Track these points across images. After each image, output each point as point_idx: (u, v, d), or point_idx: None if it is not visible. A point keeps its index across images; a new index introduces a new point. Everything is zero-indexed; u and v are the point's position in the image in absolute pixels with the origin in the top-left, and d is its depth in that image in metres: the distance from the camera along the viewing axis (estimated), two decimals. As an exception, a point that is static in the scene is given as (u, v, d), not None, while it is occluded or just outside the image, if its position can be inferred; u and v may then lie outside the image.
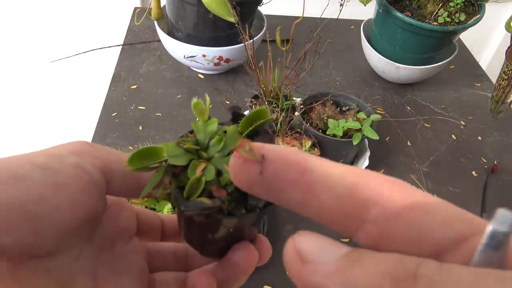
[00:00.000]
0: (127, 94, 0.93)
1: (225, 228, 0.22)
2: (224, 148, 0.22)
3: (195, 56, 0.90)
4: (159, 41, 0.99)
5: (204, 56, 0.89)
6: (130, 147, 0.82)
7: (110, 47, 1.06)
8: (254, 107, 0.80)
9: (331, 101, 0.80)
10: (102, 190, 0.24)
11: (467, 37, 1.13)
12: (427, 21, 0.88)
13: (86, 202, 0.22)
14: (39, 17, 1.21)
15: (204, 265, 0.28)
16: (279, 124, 0.76)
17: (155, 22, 0.93)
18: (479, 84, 1.07)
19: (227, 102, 0.94)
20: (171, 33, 0.93)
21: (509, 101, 0.81)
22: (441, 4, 0.88)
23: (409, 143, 0.89)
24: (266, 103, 0.78)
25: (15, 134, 1.45)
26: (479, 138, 0.93)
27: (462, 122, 0.96)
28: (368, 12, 1.00)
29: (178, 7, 0.88)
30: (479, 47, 1.34)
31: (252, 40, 0.78)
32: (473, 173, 0.85)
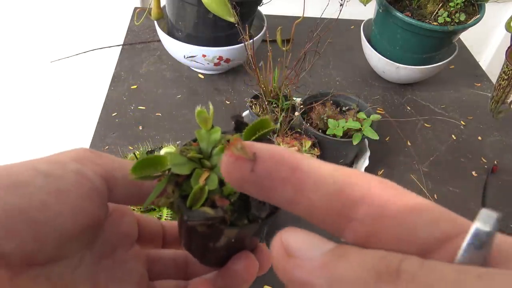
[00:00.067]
0: (127, 94, 0.93)
1: (226, 238, 0.22)
2: None
3: (195, 56, 0.90)
4: (159, 41, 0.99)
5: (204, 56, 0.89)
6: (130, 147, 0.82)
7: (110, 47, 1.05)
8: (254, 107, 0.80)
9: (331, 101, 0.80)
10: (104, 197, 0.24)
11: (467, 37, 1.13)
12: (427, 21, 0.88)
13: (88, 209, 0.22)
14: (39, 17, 1.21)
15: (204, 274, 0.28)
16: (279, 124, 0.76)
17: (155, 22, 0.93)
18: (479, 84, 1.07)
19: (227, 102, 0.94)
20: (171, 33, 0.93)
21: (509, 101, 0.81)
22: (441, 4, 0.88)
23: (409, 143, 0.89)
24: (266, 103, 0.78)
25: (15, 134, 1.45)
26: (479, 138, 0.93)
27: (462, 122, 0.96)
28: (368, 12, 1.00)
29: (178, 7, 0.88)
30: (479, 47, 1.34)
31: (252, 40, 0.78)
32: (473, 173, 0.85)
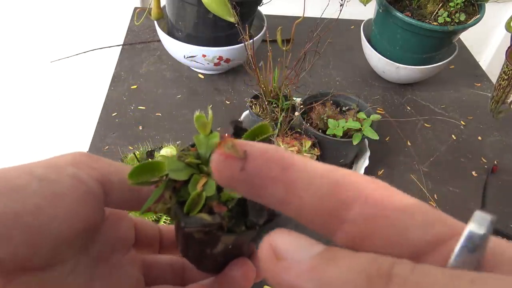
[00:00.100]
0: (127, 94, 0.93)
1: (223, 244, 0.22)
2: None
3: (195, 56, 0.90)
4: (159, 41, 0.99)
5: (204, 56, 0.89)
6: (130, 147, 0.82)
7: (110, 47, 1.05)
8: (254, 107, 0.80)
9: (331, 101, 0.80)
10: (100, 201, 0.24)
11: (467, 37, 1.13)
12: (427, 21, 0.88)
13: (83, 213, 0.22)
14: (39, 17, 1.21)
15: (201, 280, 0.28)
16: (279, 124, 0.76)
17: (155, 22, 0.93)
18: (479, 84, 1.07)
19: (227, 102, 0.94)
20: (171, 33, 0.93)
21: (509, 101, 0.81)
22: (441, 4, 0.88)
23: (409, 143, 0.89)
24: (266, 103, 0.78)
25: (15, 134, 1.45)
26: (479, 138, 0.93)
27: (462, 122, 0.96)
28: (368, 12, 1.00)
29: (178, 7, 0.88)
30: (479, 47, 1.33)
31: (252, 40, 0.78)
32: (473, 173, 0.85)
